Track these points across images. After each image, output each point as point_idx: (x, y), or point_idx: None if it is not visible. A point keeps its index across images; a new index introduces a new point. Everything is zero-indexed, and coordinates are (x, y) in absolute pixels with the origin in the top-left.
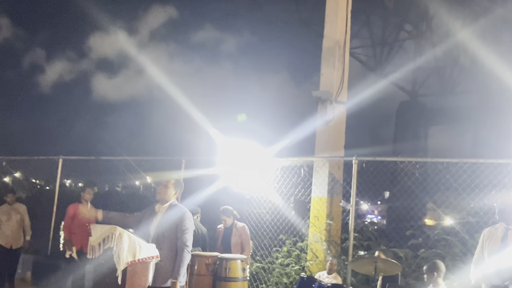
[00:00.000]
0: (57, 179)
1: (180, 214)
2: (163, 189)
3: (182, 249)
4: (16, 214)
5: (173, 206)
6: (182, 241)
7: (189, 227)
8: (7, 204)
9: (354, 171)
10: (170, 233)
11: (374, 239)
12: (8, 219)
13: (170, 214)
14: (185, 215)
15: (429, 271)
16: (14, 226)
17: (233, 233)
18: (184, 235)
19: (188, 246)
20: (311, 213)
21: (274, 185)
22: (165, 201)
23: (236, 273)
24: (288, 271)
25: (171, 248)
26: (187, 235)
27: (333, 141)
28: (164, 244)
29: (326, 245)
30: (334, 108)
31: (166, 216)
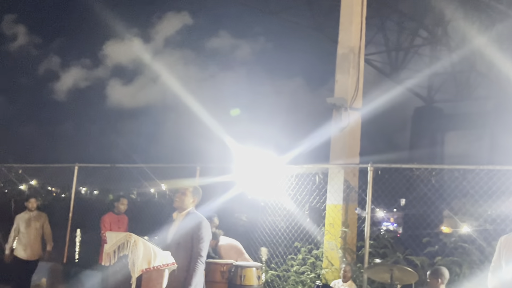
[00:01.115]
0: (72, 187)
1: (197, 222)
2: (181, 197)
3: (195, 258)
4: (36, 222)
5: (190, 214)
6: (197, 250)
7: (205, 237)
8: (27, 211)
9: (369, 178)
10: (186, 241)
11: (390, 246)
12: (27, 227)
13: (187, 222)
14: (202, 224)
15: (432, 277)
16: (33, 235)
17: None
18: (199, 244)
19: (202, 256)
20: (326, 220)
21: (288, 192)
22: (183, 208)
23: (251, 280)
24: (303, 279)
25: (186, 256)
26: (202, 245)
27: (348, 148)
28: (179, 252)
29: (341, 253)
30: (349, 114)
31: (183, 224)
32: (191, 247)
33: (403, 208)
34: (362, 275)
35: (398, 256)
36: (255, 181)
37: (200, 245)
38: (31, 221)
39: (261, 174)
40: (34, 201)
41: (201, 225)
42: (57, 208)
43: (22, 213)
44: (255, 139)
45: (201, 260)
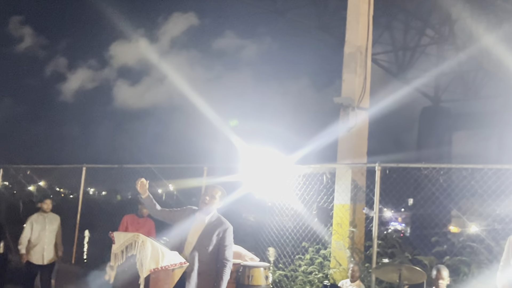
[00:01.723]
0: (80, 188)
1: (224, 228)
2: (211, 200)
3: (224, 264)
4: (51, 225)
5: (216, 218)
6: (225, 256)
7: (231, 242)
8: (41, 212)
9: (377, 178)
10: (213, 245)
11: (398, 246)
12: (41, 230)
13: (214, 227)
14: (229, 229)
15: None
16: (47, 238)
17: None
18: (226, 249)
19: (229, 261)
20: (334, 220)
21: (296, 192)
22: (208, 211)
23: (259, 280)
24: (311, 279)
25: (212, 260)
26: (230, 251)
27: (355, 148)
28: (205, 257)
29: (349, 253)
30: (356, 114)
31: (210, 228)
32: (217, 252)
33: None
34: (370, 275)
35: (407, 256)
36: (262, 181)
37: (229, 251)
38: (45, 223)
39: (268, 174)
40: (49, 202)
41: (227, 231)
42: (65, 209)
43: (35, 214)
44: (262, 139)
45: (229, 265)
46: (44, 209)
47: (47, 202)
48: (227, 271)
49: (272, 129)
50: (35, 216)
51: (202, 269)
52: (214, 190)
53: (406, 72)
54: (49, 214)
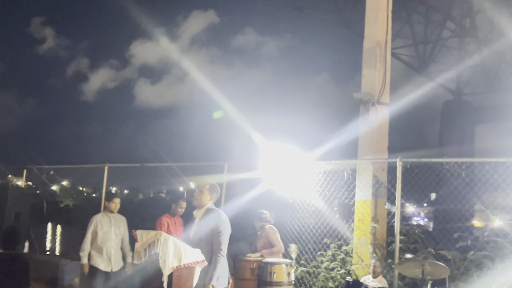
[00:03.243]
0: (103, 187)
1: (215, 217)
2: (199, 195)
3: (215, 252)
4: (117, 227)
5: (209, 210)
6: (217, 244)
7: (223, 230)
8: (106, 212)
9: (398, 173)
10: (207, 237)
11: (421, 242)
12: (107, 232)
13: (206, 219)
14: (221, 218)
15: None
16: (114, 242)
17: (259, 236)
18: (219, 238)
19: (221, 250)
20: (355, 216)
21: (317, 189)
22: (201, 206)
23: (281, 277)
24: (333, 275)
25: (208, 251)
26: (221, 238)
27: (376, 143)
28: (202, 248)
29: (371, 249)
30: (377, 109)
31: (203, 221)
32: (211, 242)
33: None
34: (393, 270)
35: (430, 251)
36: (283, 178)
37: (220, 239)
38: (111, 225)
39: (289, 171)
40: (118, 202)
41: (219, 219)
42: (88, 208)
43: (100, 215)
44: (283, 135)
45: (221, 253)
46: (111, 209)
47: (115, 201)
48: (220, 259)
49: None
50: (100, 217)
51: None
52: (201, 185)
53: (427, 66)
54: (115, 215)
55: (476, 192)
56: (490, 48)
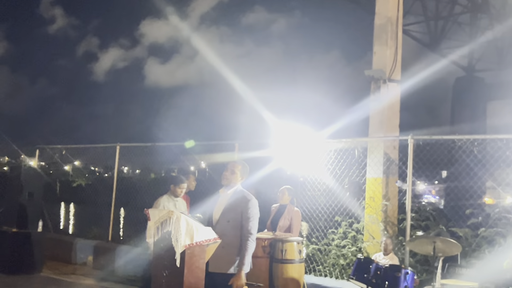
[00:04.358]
0: (115, 167)
1: (246, 201)
2: (230, 175)
3: (247, 237)
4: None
5: (238, 192)
6: (247, 229)
7: (254, 215)
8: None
9: (410, 151)
10: (235, 219)
11: (432, 219)
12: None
13: (236, 201)
14: (251, 202)
15: None
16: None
17: (284, 215)
18: (249, 222)
19: (252, 234)
20: (366, 194)
21: (328, 167)
22: (231, 186)
23: (293, 255)
24: (344, 253)
25: (235, 235)
26: (252, 223)
27: (387, 121)
28: (228, 231)
29: (382, 226)
30: (388, 87)
31: (232, 202)
32: (240, 225)
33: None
34: (404, 248)
35: (441, 228)
36: (293, 156)
37: (251, 224)
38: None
39: (299, 150)
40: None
41: (250, 203)
42: (101, 188)
43: (165, 197)
44: (294, 114)
45: (252, 238)
46: (176, 194)
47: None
48: (251, 244)
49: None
50: (165, 201)
51: (226, 242)
52: (234, 165)
53: (438, 42)
54: (179, 199)
55: (488, 169)
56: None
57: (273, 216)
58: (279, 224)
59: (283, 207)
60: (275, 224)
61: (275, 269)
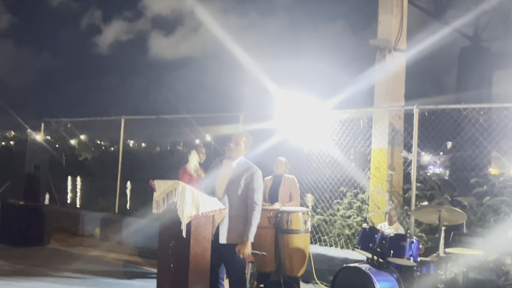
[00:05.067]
0: (120, 139)
1: (251, 172)
2: (235, 147)
3: (252, 208)
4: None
5: (243, 163)
6: (253, 200)
7: (259, 186)
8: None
9: (415, 120)
10: (241, 191)
11: (438, 188)
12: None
13: (241, 173)
14: (256, 173)
15: None
16: None
17: (282, 183)
18: (254, 194)
19: (258, 205)
20: (371, 164)
21: (333, 138)
22: (234, 158)
23: (298, 225)
24: (349, 223)
25: (241, 206)
26: (257, 194)
27: (392, 91)
28: (235, 202)
29: (388, 196)
30: (393, 56)
31: (237, 174)
32: (246, 196)
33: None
34: (409, 217)
35: (446, 198)
36: (298, 128)
37: (256, 195)
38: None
39: (304, 121)
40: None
41: (255, 175)
42: (107, 161)
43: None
44: (298, 85)
45: (258, 209)
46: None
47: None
48: (256, 214)
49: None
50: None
51: (232, 213)
52: (238, 136)
53: (444, 11)
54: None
55: (493, 138)
56: None
57: (270, 187)
58: (281, 192)
59: (278, 177)
60: (272, 196)
61: (281, 240)
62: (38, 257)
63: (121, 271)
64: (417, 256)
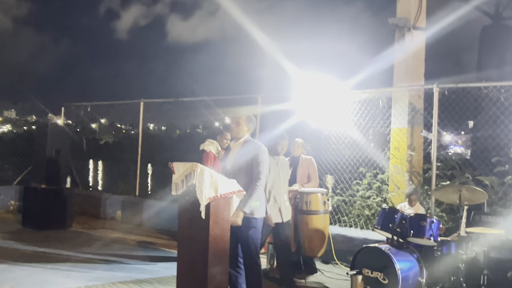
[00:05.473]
0: (140, 123)
1: (254, 148)
2: (236, 127)
3: (254, 181)
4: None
5: (247, 141)
6: (256, 173)
7: (263, 160)
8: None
9: (435, 100)
10: (246, 167)
11: (458, 168)
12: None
13: (245, 150)
14: (260, 148)
15: None
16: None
17: (300, 164)
18: (258, 168)
19: (260, 179)
20: (391, 144)
21: (352, 119)
22: (239, 137)
23: (317, 206)
24: (369, 203)
25: (247, 181)
26: (260, 168)
27: (412, 70)
28: (241, 178)
29: (407, 176)
30: (413, 35)
31: (241, 152)
32: (251, 172)
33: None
34: (430, 197)
35: (467, 177)
36: (317, 108)
37: (259, 169)
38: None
39: (323, 101)
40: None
41: (258, 150)
42: (127, 145)
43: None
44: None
45: (259, 182)
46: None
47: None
48: (256, 188)
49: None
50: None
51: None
52: (238, 117)
53: None
54: (281, 157)
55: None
56: None
57: None
58: (299, 174)
59: (296, 158)
60: (290, 177)
61: (300, 221)
62: (60, 240)
63: (142, 253)
64: (438, 236)
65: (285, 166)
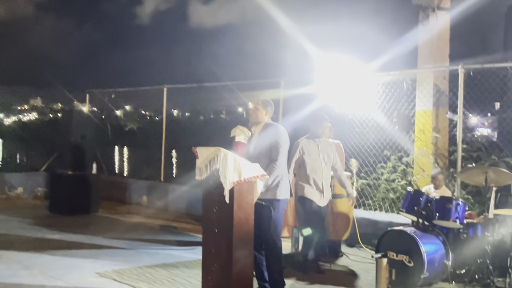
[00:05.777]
0: (163, 109)
1: (273, 131)
2: (254, 112)
3: (271, 163)
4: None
5: (267, 125)
6: (274, 155)
7: (281, 142)
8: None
9: (460, 81)
10: (266, 151)
11: (484, 149)
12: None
13: (265, 133)
14: (279, 131)
15: None
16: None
17: None
18: (276, 150)
19: (276, 160)
20: (416, 127)
21: (375, 101)
22: (258, 122)
23: (341, 190)
24: (394, 186)
25: (267, 164)
26: (278, 150)
27: (436, 51)
28: (262, 162)
29: (433, 159)
30: (437, 15)
31: (261, 136)
32: (270, 155)
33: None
34: (455, 179)
35: (493, 159)
36: (340, 92)
37: (278, 150)
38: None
39: (346, 84)
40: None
41: (278, 132)
42: (152, 131)
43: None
44: (340, 49)
45: (276, 163)
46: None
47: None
48: (274, 169)
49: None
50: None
51: None
52: (256, 102)
53: None
54: (323, 140)
55: None
56: None
57: None
58: None
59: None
60: None
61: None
62: (86, 225)
63: (167, 237)
64: (463, 218)
65: (327, 148)
